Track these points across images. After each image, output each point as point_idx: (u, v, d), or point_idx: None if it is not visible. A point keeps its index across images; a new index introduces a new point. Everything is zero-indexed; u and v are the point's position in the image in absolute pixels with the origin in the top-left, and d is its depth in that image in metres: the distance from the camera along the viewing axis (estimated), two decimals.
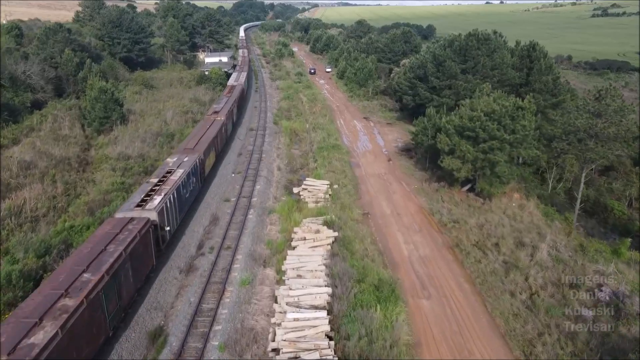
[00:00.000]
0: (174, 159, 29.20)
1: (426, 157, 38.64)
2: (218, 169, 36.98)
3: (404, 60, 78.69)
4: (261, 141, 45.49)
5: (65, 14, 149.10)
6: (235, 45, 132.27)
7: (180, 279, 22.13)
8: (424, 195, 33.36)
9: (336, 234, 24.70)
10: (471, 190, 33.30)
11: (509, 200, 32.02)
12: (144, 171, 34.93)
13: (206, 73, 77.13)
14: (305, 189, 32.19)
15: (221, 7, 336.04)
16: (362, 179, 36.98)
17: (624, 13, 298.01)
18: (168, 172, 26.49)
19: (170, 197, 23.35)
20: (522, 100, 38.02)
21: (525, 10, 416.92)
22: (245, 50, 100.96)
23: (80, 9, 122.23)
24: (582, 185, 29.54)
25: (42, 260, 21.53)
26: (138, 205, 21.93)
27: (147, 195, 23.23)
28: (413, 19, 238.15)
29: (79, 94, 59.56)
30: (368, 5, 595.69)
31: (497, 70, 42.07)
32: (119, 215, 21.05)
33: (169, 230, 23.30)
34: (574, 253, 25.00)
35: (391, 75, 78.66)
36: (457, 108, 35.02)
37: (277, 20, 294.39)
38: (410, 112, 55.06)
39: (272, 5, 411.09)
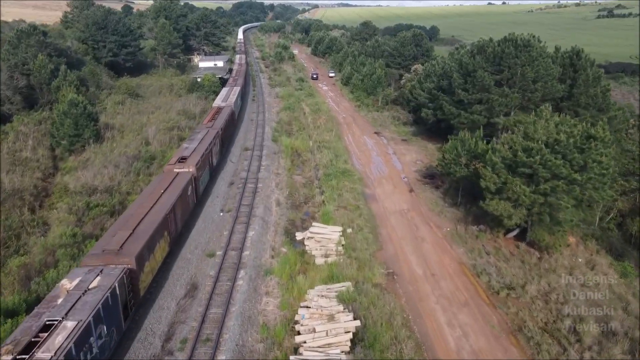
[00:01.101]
0: (70, 284, 15.83)
1: (458, 189, 31.70)
2: (204, 206, 30.03)
3: (415, 66, 71.83)
4: (257, 165, 38.52)
5: (59, 15, 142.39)
6: (233, 48, 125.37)
7: None
8: (461, 244, 26.40)
9: (357, 323, 17.73)
10: (521, 237, 26.36)
11: (571, 253, 25.06)
12: (109, 211, 27.93)
13: (198, 80, 70.21)
14: (312, 237, 25.28)
15: (220, 7, 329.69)
16: (380, 218, 30.01)
17: (629, 14, 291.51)
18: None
19: None
20: (562, 115, 31.46)
21: (528, 11, 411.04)
22: (243, 56, 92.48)
23: (69, 9, 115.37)
24: None
25: None
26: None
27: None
28: (414, 19, 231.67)
29: (53, 105, 52.63)
30: (368, 6, 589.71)
31: (540, 83, 35.13)
32: None
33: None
34: None
35: (401, 82, 71.88)
36: (501, 132, 28.07)
37: (277, 21, 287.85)
38: (429, 127, 48.12)
39: (271, 6, 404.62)
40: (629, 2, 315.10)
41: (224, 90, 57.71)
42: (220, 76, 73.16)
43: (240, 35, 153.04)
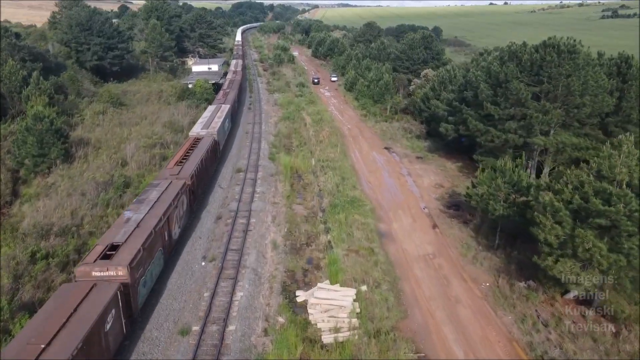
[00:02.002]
0: None
1: (494, 227, 25.92)
2: (182, 253, 24.23)
3: (425, 70, 66.12)
4: (251, 192, 32.73)
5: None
6: (231, 50, 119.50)
7: None
8: (508, 308, 20.60)
9: None
10: (586, 301, 20.56)
11: None
12: (60, 263, 22.11)
13: (190, 86, 64.41)
14: (317, 304, 19.51)
15: (219, 7, 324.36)
16: (401, 266, 24.22)
17: (634, 14, 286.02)
18: None
19: None
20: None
21: (530, 12, 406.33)
22: (239, 62, 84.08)
23: (57, 9, 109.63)
24: None
25: None
26: None
27: None
28: (415, 19, 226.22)
29: (24, 116, 46.90)
30: (368, 6, 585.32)
31: (588, 97, 29.36)
32: None
33: None
34: None
35: (410, 88, 66.16)
36: (539, 154, 22.29)
37: (276, 21, 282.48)
38: (447, 143, 42.31)
39: (271, 6, 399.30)
40: (632, 2, 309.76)
41: (209, 111, 45.90)
42: (214, 82, 67.41)
43: (238, 37, 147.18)
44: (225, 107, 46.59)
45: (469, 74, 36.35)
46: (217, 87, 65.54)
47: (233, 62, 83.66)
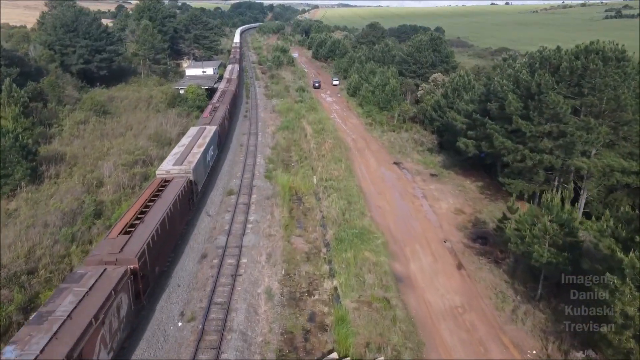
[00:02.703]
0: None
1: (534, 273, 21.39)
2: (155, 310, 19.70)
3: (434, 75, 61.63)
4: (243, 220, 28.19)
5: None
6: (229, 51, 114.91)
7: None
8: None
9: None
10: None
11: None
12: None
13: (181, 92, 59.92)
14: None
15: (218, 8, 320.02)
16: (425, 327, 19.66)
17: (639, 15, 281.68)
18: None
19: None
20: None
21: (533, 12, 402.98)
22: (236, 67, 76.44)
23: (47, 9, 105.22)
24: None
25: None
26: None
27: None
28: (416, 20, 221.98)
29: None
30: (368, 6, 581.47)
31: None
32: None
33: None
34: None
35: (418, 94, 61.64)
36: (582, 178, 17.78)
37: (276, 21, 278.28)
38: (465, 158, 37.78)
39: (271, 7, 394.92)
40: (635, 2, 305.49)
41: (188, 136, 35.01)
42: (207, 87, 62.91)
43: (236, 38, 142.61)
44: (210, 130, 36.48)
45: (494, 82, 31.79)
46: (210, 92, 61.01)
47: (228, 67, 77.06)
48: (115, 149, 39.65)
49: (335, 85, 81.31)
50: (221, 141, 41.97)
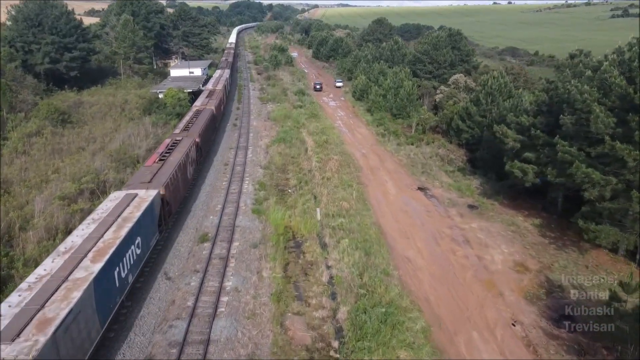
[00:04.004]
0: None
1: None
2: None
3: (456, 76, 53.03)
4: (216, 289, 19.38)
5: None
6: (223, 50, 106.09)
7: None
8: None
9: None
10: None
11: None
12: None
13: (160, 96, 51.21)
14: None
15: (217, 7, 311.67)
16: None
17: None
18: None
19: None
20: None
21: (536, 11, 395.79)
22: (225, 73, 64.28)
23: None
24: None
25: None
26: None
27: None
28: (418, 19, 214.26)
29: None
30: (368, 6, 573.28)
31: None
32: None
33: None
34: None
35: (436, 97, 53.04)
36: None
37: (275, 21, 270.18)
38: (512, 183, 28.95)
39: (270, 6, 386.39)
40: (637, 2, 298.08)
41: (110, 202, 19.74)
42: (191, 90, 54.21)
43: (232, 38, 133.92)
44: (143, 202, 19.69)
45: (568, 87, 22.98)
46: (192, 98, 52.18)
47: (216, 74, 64.71)
48: (63, 172, 30.92)
49: (339, 87, 72.67)
50: (201, 156, 33.06)
